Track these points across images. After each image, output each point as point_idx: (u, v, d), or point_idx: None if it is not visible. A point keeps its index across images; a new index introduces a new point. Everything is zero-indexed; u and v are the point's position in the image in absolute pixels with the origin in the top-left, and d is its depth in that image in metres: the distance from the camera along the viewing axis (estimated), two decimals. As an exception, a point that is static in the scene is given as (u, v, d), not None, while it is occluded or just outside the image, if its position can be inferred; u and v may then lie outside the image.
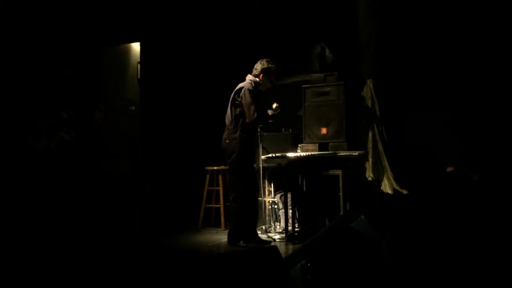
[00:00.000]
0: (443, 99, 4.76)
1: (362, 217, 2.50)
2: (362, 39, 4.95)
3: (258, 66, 4.22)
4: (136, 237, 4.79)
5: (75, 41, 5.83)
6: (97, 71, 6.19)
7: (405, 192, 4.31)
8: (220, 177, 4.99)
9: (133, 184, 5.85)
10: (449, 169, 4.09)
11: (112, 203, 5.50)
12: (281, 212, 4.73)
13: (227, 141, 4.13)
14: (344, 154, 4.27)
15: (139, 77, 6.37)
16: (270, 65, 4.20)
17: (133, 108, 5.93)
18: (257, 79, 4.20)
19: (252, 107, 3.99)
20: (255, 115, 4.00)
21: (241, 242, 4.11)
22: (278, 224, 4.78)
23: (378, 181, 4.54)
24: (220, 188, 4.98)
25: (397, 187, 4.40)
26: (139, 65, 6.35)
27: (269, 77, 4.23)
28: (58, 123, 4.90)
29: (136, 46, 6.45)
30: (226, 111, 4.21)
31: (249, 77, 4.21)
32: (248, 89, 4.06)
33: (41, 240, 4.34)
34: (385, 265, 2.00)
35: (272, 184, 4.94)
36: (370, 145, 4.67)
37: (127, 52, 6.57)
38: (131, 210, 5.53)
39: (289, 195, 4.56)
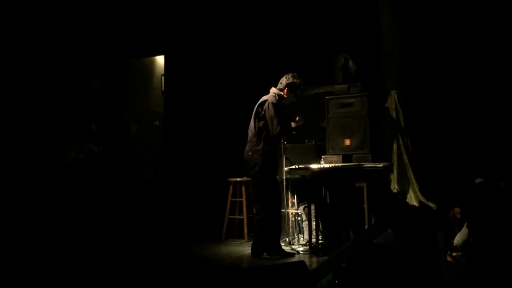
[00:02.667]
0: (469, 108, 4.69)
1: (389, 231, 2.47)
2: (385, 49, 4.93)
3: (283, 81, 4.23)
4: (161, 247, 4.83)
5: (102, 53, 5.99)
6: (123, 83, 6.34)
7: (431, 205, 4.24)
8: (243, 189, 5.00)
9: (157, 195, 5.91)
10: (478, 180, 3.98)
11: (137, 213, 5.57)
12: (305, 224, 4.69)
13: (250, 153, 4.14)
14: (369, 165, 4.22)
15: (163, 89, 6.48)
16: (295, 80, 4.21)
17: (157, 123, 6.04)
18: (281, 92, 4.21)
19: (275, 121, 4.01)
20: (278, 128, 4.01)
21: (265, 254, 4.10)
22: (302, 236, 4.75)
23: (403, 193, 4.48)
24: (243, 200, 4.99)
25: (423, 200, 4.33)
26: (163, 78, 6.47)
27: (294, 91, 4.24)
28: (87, 135, 5.01)
29: (160, 59, 6.57)
30: (249, 123, 4.24)
31: (273, 90, 4.22)
32: (271, 102, 4.07)
33: (67, 246, 4.43)
34: (414, 281, 1.97)
35: (295, 196, 4.92)
36: (395, 156, 4.61)
37: (152, 64, 6.70)
38: (155, 220, 5.59)
39: (312, 207, 4.53)
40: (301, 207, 4.81)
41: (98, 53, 5.94)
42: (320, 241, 4.59)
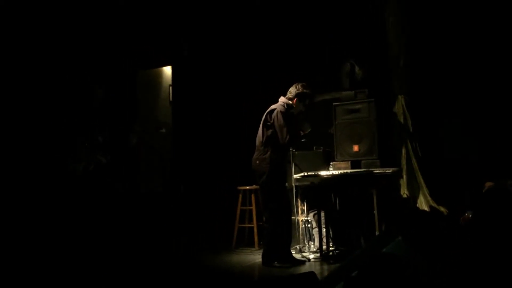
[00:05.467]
0: (476, 112, 4.66)
1: (400, 238, 2.46)
2: (392, 54, 4.93)
3: (293, 90, 4.24)
4: (171, 255, 4.85)
5: (110, 64, 6.07)
6: (131, 93, 6.41)
7: (442, 209, 4.21)
8: (252, 197, 5.01)
9: (167, 204, 5.94)
10: (488, 184, 3.93)
11: (146, 222, 5.61)
12: (315, 231, 4.68)
13: (257, 161, 4.16)
14: (378, 171, 4.21)
15: (171, 99, 6.54)
16: (305, 90, 4.21)
17: (164, 130, 6.07)
18: (290, 102, 4.22)
19: (285, 129, 4.02)
20: (288, 137, 4.02)
21: (276, 262, 4.09)
22: (312, 243, 4.74)
23: (413, 198, 4.46)
24: (253, 208, 4.99)
25: (434, 204, 4.30)
26: (171, 88, 6.52)
27: (303, 101, 4.24)
28: (94, 146, 5.08)
29: (168, 70, 6.64)
30: (257, 132, 4.25)
31: (282, 99, 4.24)
32: (280, 111, 4.09)
33: (79, 253, 4.48)
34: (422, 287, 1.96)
35: (305, 203, 4.92)
36: (403, 161, 4.60)
37: (160, 75, 6.77)
38: (165, 229, 5.62)
39: (322, 214, 4.52)
40: (311, 214, 4.80)
41: (107, 65, 6.02)
42: (331, 248, 4.57)
